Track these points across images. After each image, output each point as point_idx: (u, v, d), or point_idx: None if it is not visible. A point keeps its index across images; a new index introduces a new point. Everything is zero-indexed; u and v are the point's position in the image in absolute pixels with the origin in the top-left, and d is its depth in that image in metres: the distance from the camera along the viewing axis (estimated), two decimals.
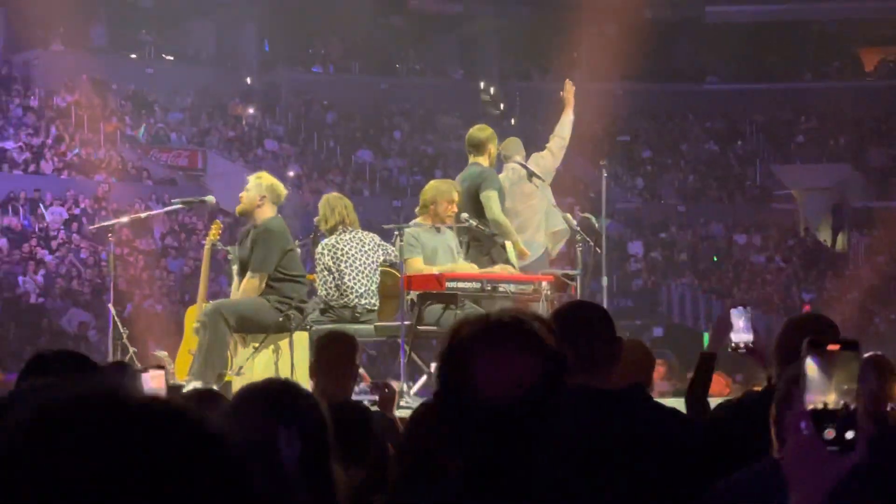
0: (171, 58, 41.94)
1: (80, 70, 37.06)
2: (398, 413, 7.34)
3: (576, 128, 12.32)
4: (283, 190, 10.27)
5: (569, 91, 11.70)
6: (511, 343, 2.41)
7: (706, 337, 17.14)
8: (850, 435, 1.95)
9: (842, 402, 1.95)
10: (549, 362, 2.39)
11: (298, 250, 10.49)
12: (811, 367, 1.97)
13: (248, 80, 42.22)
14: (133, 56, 41.21)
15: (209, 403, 3.91)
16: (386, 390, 7.44)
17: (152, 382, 4.66)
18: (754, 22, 44.17)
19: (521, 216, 11.02)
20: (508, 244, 10.58)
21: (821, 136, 42.01)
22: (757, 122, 42.88)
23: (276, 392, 3.05)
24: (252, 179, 10.22)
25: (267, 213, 10.00)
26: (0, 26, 39.35)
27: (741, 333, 5.89)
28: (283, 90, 41.86)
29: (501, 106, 43.60)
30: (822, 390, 1.96)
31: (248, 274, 9.86)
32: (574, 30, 40.00)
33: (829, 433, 1.95)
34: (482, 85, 44.42)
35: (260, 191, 10.02)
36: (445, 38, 45.12)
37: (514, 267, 10.47)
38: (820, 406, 1.95)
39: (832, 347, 1.98)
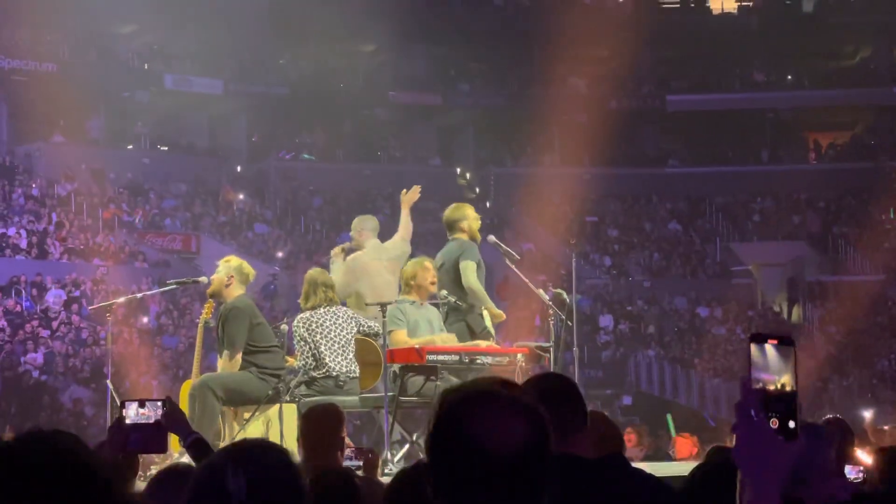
0: (166, 148, 42.03)
1: (80, 160, 37.14)
2: (382, 479, 7.28)
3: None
4: (250, 269, 10.35)
5: (410, 196, 11.85)
6: (501, 401, 2.40)
7: (669, 420, 17.12)
8: (792, 424, 2.05)
9: (781, 382, 2.07)
10: (537, 420, 2.38)
11: (273, 325, 10.47)
12: (755, 352, 2.09)
13: (239, 168, 42.31)
14: (129, 147, 41.31)
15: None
16: (370, 455, 7.38)
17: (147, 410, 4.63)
18: (712, 110, 44.46)
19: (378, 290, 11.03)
20: (485, 311, 10.59)
21: (776, 216, 42.19)
22: (716, 203, 43.06)
23: (244, 442, 3.04)
24: (221, 263, 10.33)
25: (235, 292, 10.10)
26: (3, 119, 39.43)
27: None
28: (271, 177, 41.96)
29: (477, 189, 43.75)
30: (764, 370, 2.08)
31: (224, 352, 9.92)
32: (544, 119, 40.23)
33: (774, 423, 2.05)
34: (459, 170, 44.62)
35: (228, 271, 10.12)
36: (424, 127, 45.34)
37: (490, 332, 10.50)
38: (760, 383, 2.06)
39: (772, 342, 2.11)
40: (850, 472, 6.14)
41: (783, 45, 44.45)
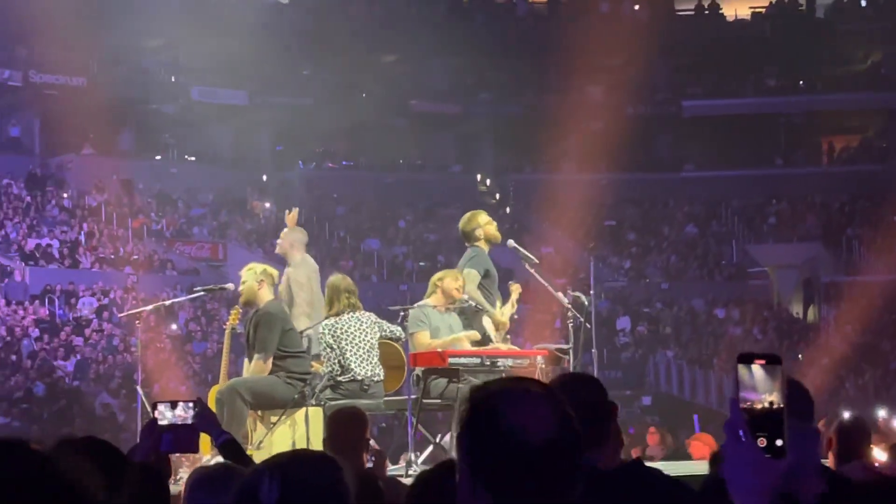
0: (193, 159, 42.13)
1: (110, 171, 37.27)
2: (407, 480, 7.27)
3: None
4: (274, 271, 10.31)
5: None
6: (533, 396, 2.41)
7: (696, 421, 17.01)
8: (779, 443, 2.04)
9: (769, 400, 2.06)
10: (567, 414, 2.38)
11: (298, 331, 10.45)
12: (742, 372, 2.08)
13: (264, 178, 42.37)
14: (158, 158, 41.41)
15: (231, 477, 3.87)
16: (376, 456, 7.39)
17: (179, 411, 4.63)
18: (728, 115, 44.39)
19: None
20: (486, 318, 10.57)
21: (791, 218, 42.08)
22: (732, 206, 42.96)
23: (289, 454, 3.05)
24: (245, 272, 10.18)
25: (266, 296, 10.02)
26: (36, 132, 39.58)
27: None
28: (296, 186, 42.00)
29: (497, 196, 43.75)
30: (751, 390, 2.07)
31: (255, 356, 9.87)
32: (562, 126, 40.20)
33: (762, 441, 2.04)
34: (479, 177, 44.61)
35: (256, 277, 10.04)
36: (444, 136, 45.34)
37: (490, 338, 10.47)
38: (748, 403, 2.06)
39: (759, 362, 2.09)
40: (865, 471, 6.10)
41: (796, 51, 44.35)
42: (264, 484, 2.79)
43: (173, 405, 4.65)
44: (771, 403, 2.05)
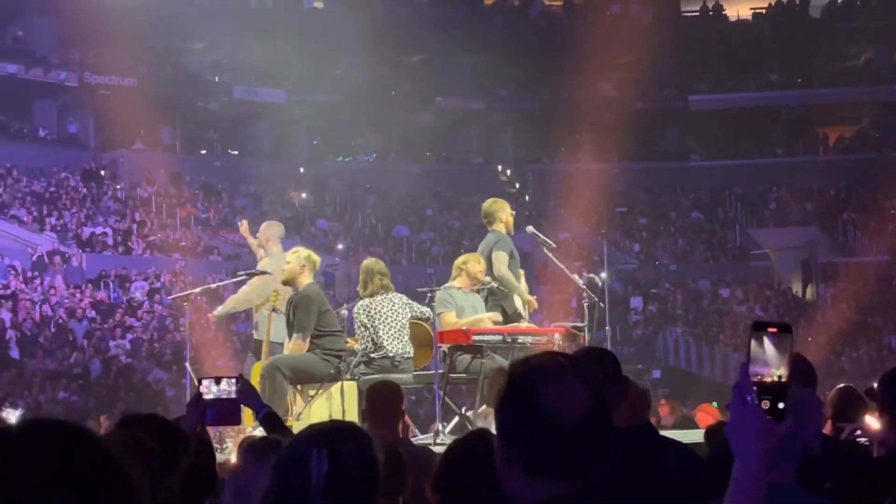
0: (235, 153, 42.21)
1: (159, 165, 37.36)
2: (436, 448, 7.28)
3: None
4: (317, 258, 10.33)
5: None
6: (567, 373, 2.40)
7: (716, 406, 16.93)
8: (781, 405, 2.05)
9: (777, 374, 2.06)
10: (599, 390, 2.39)
11: (334, 310, 10.47)
12: (754, 346, 2.07)
13: (301, 170, 42.42)
14: (203, 152, 41.51)
15: (273, 449, 3.90)
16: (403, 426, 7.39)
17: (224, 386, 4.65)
18: (731, 108, 44.25)
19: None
20: (516, 298, 10.57)
21: (791, 204, 41.94)
22: (735, 193, 42.83)
23: (326, 425, 3.06)
24: (290, 254, 10.27)
25: (306, 279, 10.06)
26: (91, 129, 39.72)
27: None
28: (330, 177, 42.04)
29: (517, 185, 43.72)
30: (762, 364, 2.06)
31: (294, 336, 9.90)
32: (577, 120, 40.15)
33: (766, 404, 2.05)
34: (499, 168, 44.57)
35: (300, 261, 10.08)
36: (467, 130, 45.31)
37: (521, 314, 10.47)
38: (759, 377, 2.06)
39: (771, 330, 2.08)
40: (861, 436, 6.10)
41: (794, 48, 44.18)
42: (313, 457, 2.79)
43: (217, 381, 4.67)
44: (780, 377, 2.06)
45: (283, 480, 2.81)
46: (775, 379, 2.06)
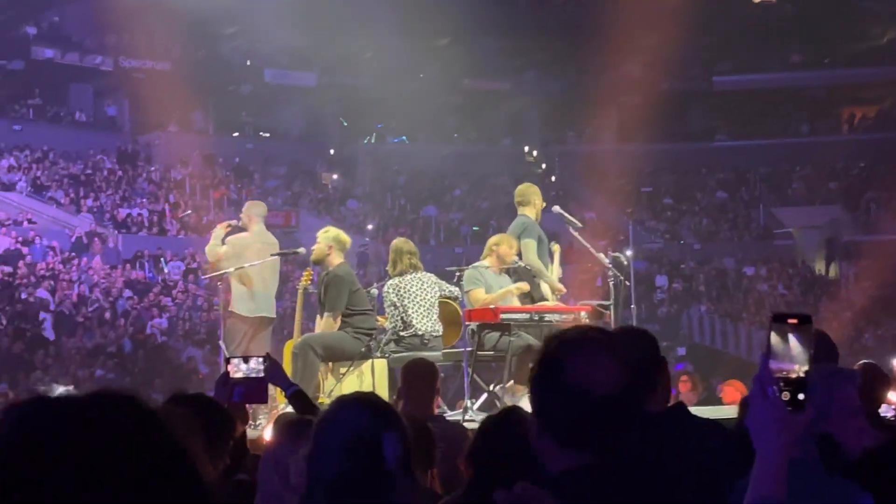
0: (267, 135, 42.29)
1: (192, 147, 37.46)
2: (466, 424, 7.29)
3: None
4: (346, 238, 10.33)
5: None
6: (599, 346, 2.42)
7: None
8: (801, 396, 2.02)
9: (799, 367, 2.03)
10: (626, 367, 2.40)
11: (365, 289, 10.49)
12: (776, 340, 2.04)
13: (331, 152, 42.46)
14: (235, 134, 41.60)
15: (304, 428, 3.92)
16: None
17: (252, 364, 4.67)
18: (755, 89, 44.05)
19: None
20: (544, 285, 10.55)
21: (814, 183, 41.75)
22: (760, 173, 42.67)
23: (371, 402, 3.07)
24: (320, 234, 10.30)
25: (335, 259, 10.07)
26: (126, 113, 39.85)
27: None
28: (360, 158, 42.07)
29: (543, 166, 43.63)
30: (785, 359, 2.03)
31: (325, 314, 9.92)
32: (602, 101, 40.02)
33: (786, 395, 2.02)
34: (526, 149, 44.49)
35: (328, 241, 10.10)
36: (495, 111, 45.22)
37: (548, 301, 10.46)
38: (783, 373, 2.03)
39: (792, 321, 2.05)
40: (886, 412, 6.09)
41: (817, 28, 43.86)
42: (386, 440, 2.80)
43: (245, 360, 4.69)
44: (805, 372, 2.02)
45: (354, 460, 2.82)
46: (800, 375, 2.03)
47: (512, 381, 9.70)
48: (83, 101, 39.43)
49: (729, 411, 8.50)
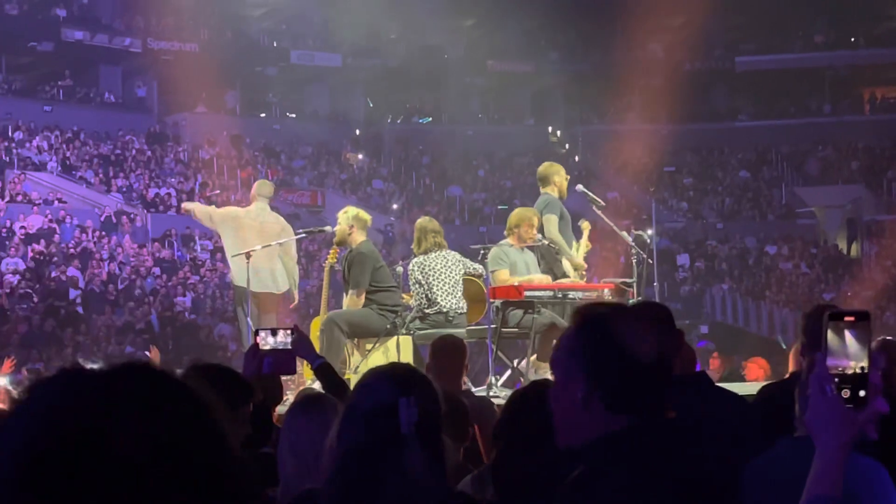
0: (294, 115, 42.33)
1: (220, 128, 37.55)
2: (494, 400, 7.30)
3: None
4: (366, 216, 10.33)
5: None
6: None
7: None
8: (862, 393, 1.96)
9: (856, 364, 1.97)
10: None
11: (390, 267, 10.50)
12: (831, 336, 1.98)
13: (357, 132, 42.47)
14: (262, 115, 41.65)
15: (319, 403, 3.94)
16: None
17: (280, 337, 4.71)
18: (777, 69, 43.84)
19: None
20: (565, 261, 10.53)
21: (836, 163, 41.56)
22: (782, 152, 42.49)
23: (398, 371, 3.08)
24: (340, 215, 10.29)
25: (358, 238, 10.07)
26: (154, 94, 39.94)
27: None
28: (385, 139, 42.07)
29: (567, 146, 43.54)
30: (842, 357, 1.97)
31: (350, 292, 9.95)
32: (626, 81, 39.90)
33: (846, 393, 1.96)
34: (550, 129, 44.40)
35: (348, 221, 10.10)
36: (519, 92, 45.16)
37: (570, 277, 10.45)
38: (839, 370, 1.97)
39: (848, 319, 1.99)
40: None
41: (840, 8, 43.59)
42: (402, 405, 2.81)
43: (273, 332, 4.73)
44: (862, 369, 1.97)
45: (372, 430, 2.83)
46: (857, 371, 1.97)
47: (535, 357, 9.71)
48: (112, 82, 39.54)
49: (752, 388, 8.48)
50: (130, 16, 39.32)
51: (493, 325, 9.71)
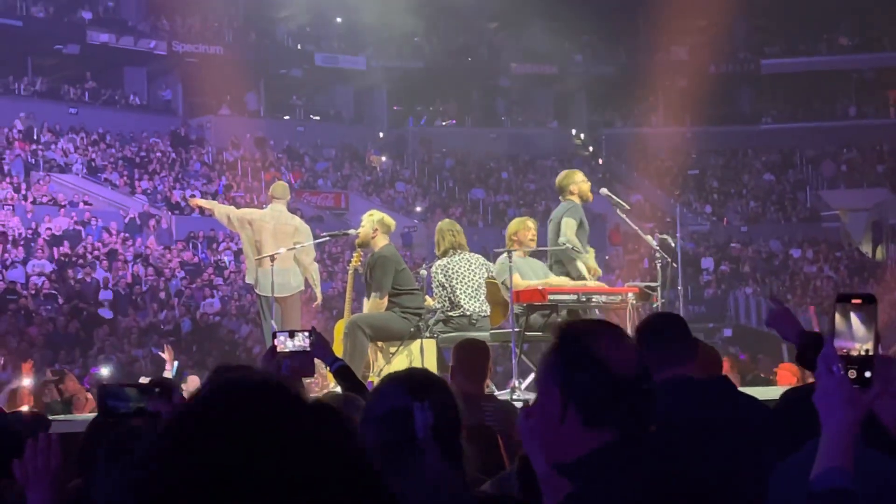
0: (318, 118, 42.38)
1: (244, 130, 37.63)
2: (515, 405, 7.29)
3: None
4: (390, 221, 10.33)
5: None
6: (616, 332, 2.47)
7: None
8: (868, 374, 2.03)
9: (862, 346, 2.04)
10: (641, 351, 2.44)
11: (413, 271, 10.50)
12: (839, 318, 2.05)
13: (381, 135, 42.50)
14: (286, 117, 41.71)
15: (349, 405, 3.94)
16: None
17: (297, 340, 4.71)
18: (803, 72, 43.67)
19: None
20: (580, 262, 10.50)
21: (861, 166, 41.38)
22: (806, 155, 42.33)
23: (413, 376, 3.08)
24: (365, 217, 10.30)
25: (381, 242, 10.07)
26: (179, 96, 40.04)
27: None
28: (409, 141, 42.09)
29: (590, 148, 43.50)
30: (848, 338, 2.05)
31: (372, 295, 9.94)
32: (650, 84, 39.83)
33: (852, 373, 2.03)
34: (574, 132, 44.35)
35: (372, 224, 10.10)
36: (543, 94, 45.11)
37: (585, 277, 10.41)
38: (846, 351, 2.04)
39: (855, 301, 2.06)
40: None
41: (865, 11, 43.40)
42: (417, 409, 2.80)
43: (292, 334, 4.72)
44: (867, 351, 2.04)
45: (388, 434, 2.82)
46: (862, 353, 2.04)
47: None
48: (137, 84, 39.67)
49: (778, 392, 8.43)
50: (155, 18, 39.46)
51: (516, 329, 9.69)
